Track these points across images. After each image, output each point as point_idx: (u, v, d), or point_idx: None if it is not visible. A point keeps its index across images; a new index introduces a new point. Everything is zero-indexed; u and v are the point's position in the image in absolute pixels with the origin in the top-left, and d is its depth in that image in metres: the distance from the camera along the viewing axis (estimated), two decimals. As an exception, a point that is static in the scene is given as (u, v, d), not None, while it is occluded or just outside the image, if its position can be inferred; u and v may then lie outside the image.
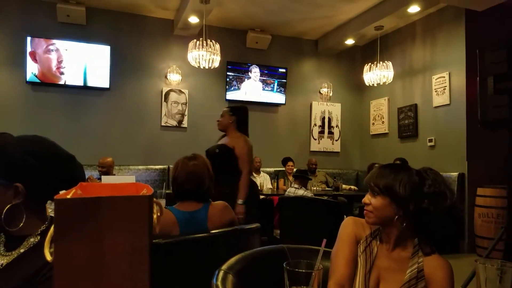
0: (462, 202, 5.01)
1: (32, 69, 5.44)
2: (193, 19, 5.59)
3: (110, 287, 0.69)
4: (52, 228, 0.76)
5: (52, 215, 1.02)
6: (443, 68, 5.53)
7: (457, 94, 5.30)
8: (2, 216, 0.92)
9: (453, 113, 5.35)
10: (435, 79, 5.62)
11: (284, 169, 6.11)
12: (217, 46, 5.11)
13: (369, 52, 6.71)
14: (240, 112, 3.51)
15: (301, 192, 4.25)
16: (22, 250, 0.95)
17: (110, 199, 0.70)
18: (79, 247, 0.68)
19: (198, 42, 5.04)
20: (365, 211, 1.23)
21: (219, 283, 1.13)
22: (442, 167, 5.04)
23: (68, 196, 0.75)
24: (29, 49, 5.40)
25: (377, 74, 5.77)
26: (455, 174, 5.09)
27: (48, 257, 0.75)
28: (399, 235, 1.19)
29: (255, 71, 6.58)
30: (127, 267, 0.69)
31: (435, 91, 5.62)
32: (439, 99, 5.55)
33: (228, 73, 6.42)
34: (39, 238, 0.97)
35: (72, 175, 1.00)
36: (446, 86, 5.45)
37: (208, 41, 5.04)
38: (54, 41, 5.52)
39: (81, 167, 1.07)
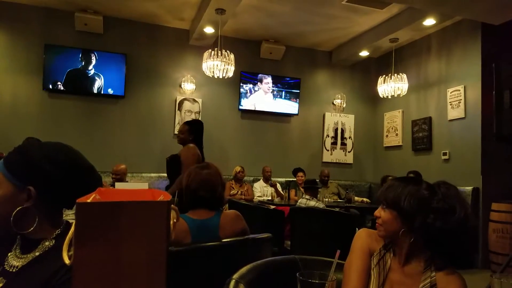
0: (476, 217, 4.92)
1: (49, 77, 5.56)
2: (209, 30, 5.66)
3: (128, 289, 0.70)
4: (71, 232, 0.78)
5: (68, 220, 1.04)
6: (458, 81, 5.48)
7: (472, 108, 5.24)
8: (12, 218, 0.94)
9: (468, 127, 5.28)
10: (450, 92, 5.57)
11: (295, 179, 6.09)
12: (232, 56, 5.16)
13: (384, 64, 6.69)
14: (198, 130, 3.94)
15: (312, 203, 4.22)
16: (37, 254, 0.97)
17: (131, 203, 0.71)
18: (98, 251, 0.69)
19: (213, 52, 5.10)
20: (376, 225, 1.23)
21: (231, 292, 1.13)
22: (456, 181, 4.93)
23: (89, 201, 0.76)
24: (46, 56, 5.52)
25: (392, 86, 5.75)
26: (469, 188, 5.00)
27: (66, 260, 0.76)
28: (409, 249, 1.18)
29: (268, 81, 6.62)
30: (145, 272, 0.70)
31: (450, 104, 5.56)
32: (454, 112, 5.49)
33: (241, 83, 6.46)
34: (54, 242, 0.98)
35: (89, 184, 1.00)
36: (461, 100, 5.39)
37: (223, 51, 5.10)
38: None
39: (99, 177, 1.09)
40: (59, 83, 5.62)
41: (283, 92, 6.69)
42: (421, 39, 6.18)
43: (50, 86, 5.59)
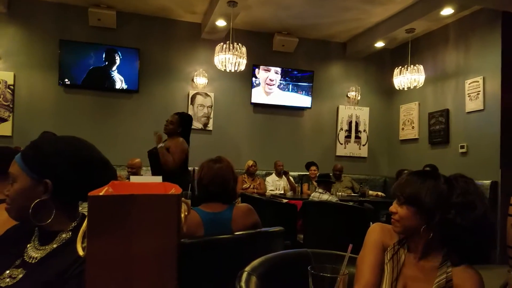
0: (495, 211, 4.82)
1: (64, 72, 5.63)
2: (221, 23, 5.65)
3: (140, 282, 0.70)
4: (84, 224, 0.79)
5: (84, 212, 1.05)
6: (477, 72, 5.36)
7: (492, 100, 5.11)
8: (30, 210, 0.96)
9: (486, 119, 5.16)
10: (468, 84, 5.44)
11: (308, 173, 6.06)
12: (244, 49, 5.14)
13: (400, 55, 6.58)
14: (187, 123, 3.92)
15: (325, 197, 4.19)
16: (55, 246, 0.99)
17: (142, 196, 0.72)
18: (111, 243, 0.70)
19: (224, 45, 5.09)
20: (392, 220, 1.20)
21: (242, 284, 1.13)
22: (474, 174, 4.78)
23: (101, 193, 0.77)
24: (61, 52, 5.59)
25: (408, 78, 5.65)
26: (488, 182, 4.90)
27: (80, 252, 0.77)
28: (426, 245, 1.15)
29: (281, 74, 6.58)
30: (156, 264, 0.71)
31: (468, 96, 5.44)
32: (472, 105, 5.37)
33: (254, 77, 6.44)
34: (70, 234, 1.00)
35: (103, 177, 1.02)
36: (480, 91, 5.27)
37: (235, 44, 5.08)
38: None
39: (113, 171, 1.10)
40: (74, 78, 5.70)
41: (296, 85, 6.64)
42: (438, 30, 6.05)
43: (66, 81, 5.66)
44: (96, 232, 0.70)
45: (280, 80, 6.58)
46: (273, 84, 6.55)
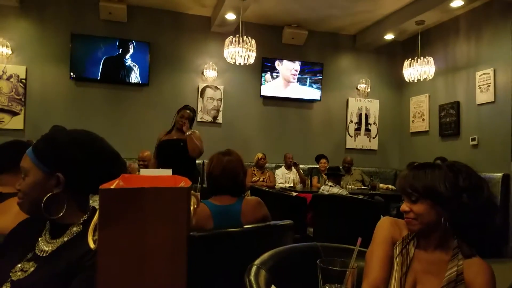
0: (506, 204, 4.77)
1: (76, 65, 5.68)
2: (230, 16, 5.63)
3: (150, 274, 0.72)
4: (96, 217, 0.80)
5: (94, 205, 1.07)
6: (487, 64, 5.27)
7: (503, 91, 5.03)
8: (42, 204, 0.97)
9: (498, 111, 5.09)
10: (479, 76, 5.36)
11: (318, 166, 6.05)
12: (253, 42, 5.13)
13: (410, 47, 6.50)
14: (195, 115, 4.02)
15: (335, 190, 4.19)
16: (65, 239, 1.00)
17: (151, 190, 0.73)
18: (122, 236, 0.71)
19: (234, 38, 5.08)
20: (406, 220, 1.17)
21: (252, 277, 1.13)
22: (485, 167, 4.81)
23: (112, 187, 0.78)
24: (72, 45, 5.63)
25: (418, 70, 5.58)
26: (499, 175, 4.84)
27: (91, 245, 0.78)
28: (440, 237, 1.15)
29: (290, 67, 6.55)
30: (166, 256, 0.72)
31: (479, 88, 5.36)
32: (483, 96, 5.30)
33: (263, 69, 6.42)
34: (81, 227, 1.01)
35: (113, 171, 1.02)
36: (490, 83, 5.19)
37: (244, 37, 5.07)
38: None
39: (124, 164, 1.11)
40: (85, 72, 5.73)
41: (306, 78, 6.61)
42: (449, 21, 5.95)
43: (77, 75, 5.70)
44: (107, 224, 0.71)
45: (295, 72, 6.55)
46: (291, 77, 6.54)
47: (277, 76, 6.51)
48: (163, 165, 3.76)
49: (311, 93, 6.65)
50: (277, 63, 6.47)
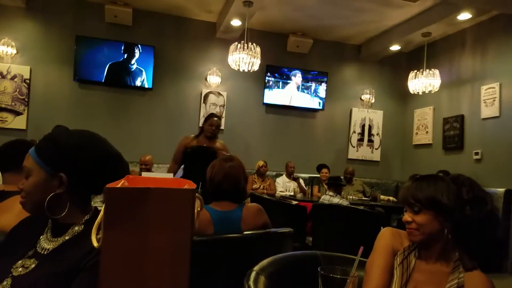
0: (508, 219, 4.74)
1: (80, 68, 5.70)
2: (236, 22, 5.66)
3: (153, 275, 0.71)
4: (100, 216, 0.79)
5: (96, 206, 1.07)
6: (493, 78, 5.27)
7: (508, 106, 5.02)
8: (45, 203, 0.97)
9: (502, 126, 5.07)
10: (484, 90, 5.36)
11: (319, 176, 6.03)
12: (258, 49, 5.14)
13: (415, 59, 6.51)
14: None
15: (336, 200, 4.16)
16: (67, 238, 1.00)
17: (158, 190, 0.72)
18: (126, 234, 0.70)
19: (239, 45, 5.09)
20: (408, 230, 1.17)
21: (251, 283, 1.13)
22: (488, 182, 4.78)
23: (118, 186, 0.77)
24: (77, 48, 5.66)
25: (423, 82, 5.58)
26: (502, 190, 4.81)
27: (95, 243, 0.78)
28: (442, 248, 1.14)
29: (294, 76, 6.56)
30: (170, 256, 0.71)
31: (484, 102, 5.35)
32: (488, 111, 5.29)
33: (267, 77, 6.44)
34: (83, 227, 1.01)
35: (116, 171, 1.03)
36: (496, 97, 5.18)
37: (249, 44, 5.08)
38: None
39: (126, 164, 1.11)
40: (89, 74, 5.75)
41: (309, 87, 6.62)
42: (455, 34, 5.97)
43: (81, 77, 5.72)
44: (112, 223, 0.71)
45: (300, 81, 6.58)
46: (294, 86, 6.59)
47: (281, 84, 6.51)
48: (190, 170, 3.68)
49: (315, 102, 6.65)
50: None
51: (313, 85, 6.63)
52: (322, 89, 6.64)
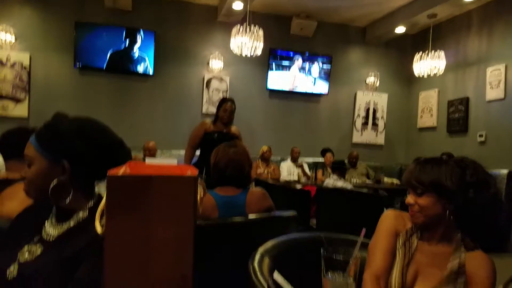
0: (511, 200, 4.74)
1: (80, 54, 5.65)
2: (237, 5, 5.56)
3: (157, 260, 0.72)
4: (103, 202, 0.80)
5: (100, 193, 1.07)
6: (499, 60, 5.20)
7: (514, 88, 4.97)
8: (49, 191, 0.98)
9: (507, 108, 5.03)
10: (490, 72, 5.30)
11: (323, 160, 6.04)
12: (261, 32, 5.05)
13: (420, 41, 6.42)
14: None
15: (340, 183, 4.18)
16: (72, 224, 1.01)
17: (159, 177, 0.73)
18: (129, 222, 0.71)
19: (241, 27, 5.00)
20: (411, 212, 1.18)
21: (255, 264, 1.15)
22: (491, 163, 4.73)
23: (119, 173, 0.78)
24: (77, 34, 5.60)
25: (428, 64, 5.52)
26: (505, 171, 4.79)
27: (99, 229, 0.78)
28: (444, 230, 1.16)
29: (298, 60, 6.50)
30: (173, 243, 0.72)
31: (489, 84, 5.30)
32: (493, 93, 5.24)
33: (270, 61, 6.38)
34: (87, 213, 1.02)
35: (118, 157, 1.02)
36: (501, 79, 5.12)
37: (252, 27, 5.00)
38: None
39: (128, 151, 1.11)
40: (89, 60, 5.70)
41: (313, 71, 6.56)
42: (461, 15, 5.87)
43: (81, 64, 5.68)
44: (114, 211, 0.72)
45: (302, 65, 6.52)
46: (298, 70, 6.52)
47: (285, 68, 6.46)
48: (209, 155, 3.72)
49: (319, 86, 6.61)
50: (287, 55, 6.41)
51: (318, 68, 6.57)
52: (326, 73, 6.59)
